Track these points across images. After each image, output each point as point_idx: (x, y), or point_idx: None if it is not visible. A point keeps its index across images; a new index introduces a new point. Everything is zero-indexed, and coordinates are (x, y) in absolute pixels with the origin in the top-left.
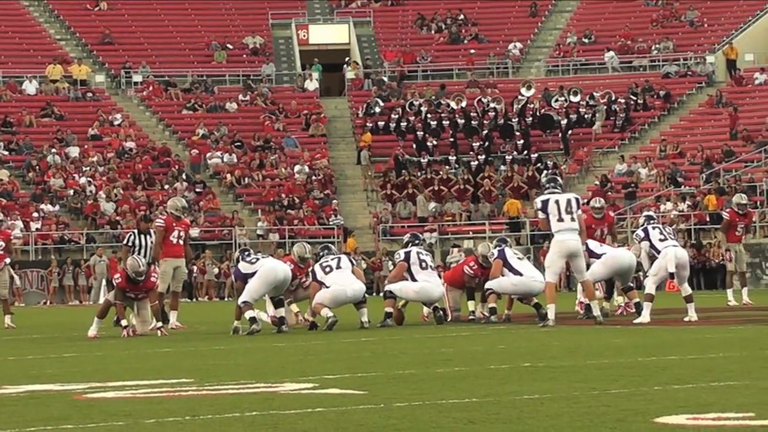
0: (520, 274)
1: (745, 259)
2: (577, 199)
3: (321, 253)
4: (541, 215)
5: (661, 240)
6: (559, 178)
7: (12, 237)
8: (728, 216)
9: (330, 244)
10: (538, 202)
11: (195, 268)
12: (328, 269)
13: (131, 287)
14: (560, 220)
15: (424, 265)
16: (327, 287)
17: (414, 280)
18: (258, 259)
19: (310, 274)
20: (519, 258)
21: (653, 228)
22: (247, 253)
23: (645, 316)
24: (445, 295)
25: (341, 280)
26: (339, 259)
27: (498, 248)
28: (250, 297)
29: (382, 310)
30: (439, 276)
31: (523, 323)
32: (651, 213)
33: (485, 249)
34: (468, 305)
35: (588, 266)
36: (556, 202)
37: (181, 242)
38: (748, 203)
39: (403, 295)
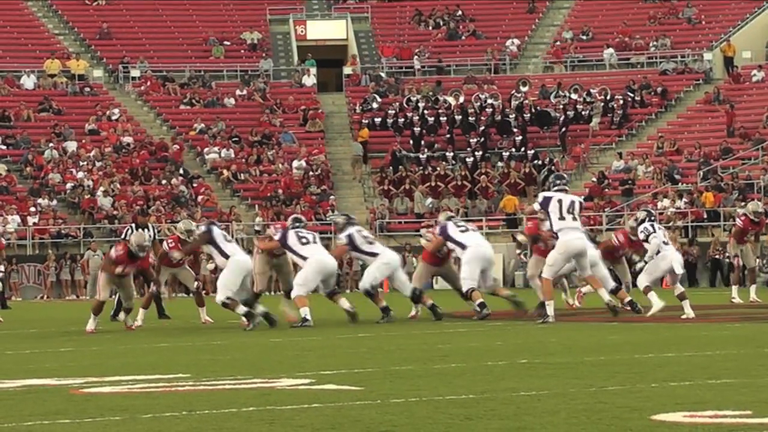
0: (465, 247)
1: (753, 257)
2: (580, 203)
3: (294, 225)
4: (537, 207)
5: (665, 242)
6: (565, 177)
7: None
8: (742, 224)
9: (300, 216)
10: (540, 197)
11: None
12: (305, 240)
13: (129, 261)
14: (561, 218)
15: (369, 239)
16: (304, 258)
17: (370, 254)
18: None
19: (281, 237)
20: (462, 230)
21: (659, 228)
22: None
23: (657, 304)
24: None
25: (320, 252)
26: (314, 235)
27: (441, 225)
28: (230, 292)
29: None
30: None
31: (520, 320)
32: (650, 209)
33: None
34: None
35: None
36: (559, 201)
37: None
38: (764, 211)
39: (376, 279)
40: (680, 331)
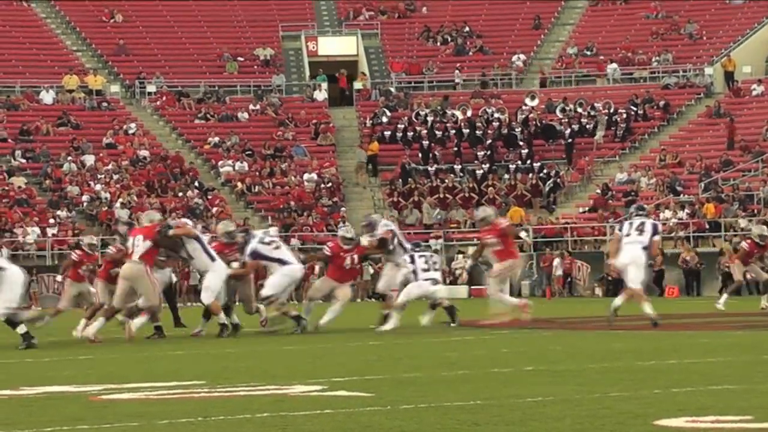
0: (284, 263)
1: (762, 272)
2: (653, 224)
3: (254, 235)
4: (616, 233)
5: None
6: (645, 208)
7: None
8: (747, 247)
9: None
10: (617, 227)
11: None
12: (275, 245)
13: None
14: (627, 235)
15: (276, 245)
16: (282, 262)
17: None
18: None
19: (251, 255)
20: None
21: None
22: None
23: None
24: None
25: (292, 257)
26: (277, 239)
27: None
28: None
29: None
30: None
31: (525, 328)
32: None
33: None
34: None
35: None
36: (630, 223)
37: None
38: None
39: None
40: (681, 339)
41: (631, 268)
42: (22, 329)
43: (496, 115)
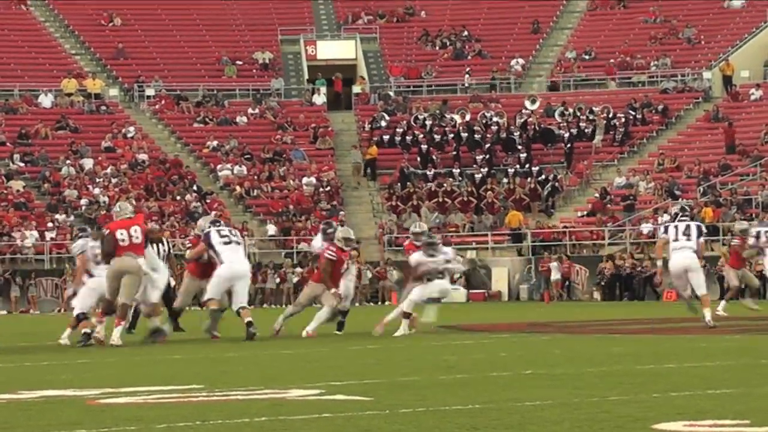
0: (221, 261)
1: (754, 277)
2: (698, 226)
3: (215, 223)
4: (661, 236)
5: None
6: (687, 209)
7: None
8: (739, 242)
9: (217, 218)
10: (661, 228)
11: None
12: (226, 239)
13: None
14: (675, 240)
15: (228, 240)
16: (221, 262)
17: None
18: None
19: (203, 237)
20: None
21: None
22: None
23: None
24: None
25: (232, 258)
26: (235, 232)
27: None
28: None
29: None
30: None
31: (523, 332)
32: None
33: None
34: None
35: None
36: (675, 227)
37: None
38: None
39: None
40: (680, 343)
41: (691, 275)
42: None
43: (494, 119)
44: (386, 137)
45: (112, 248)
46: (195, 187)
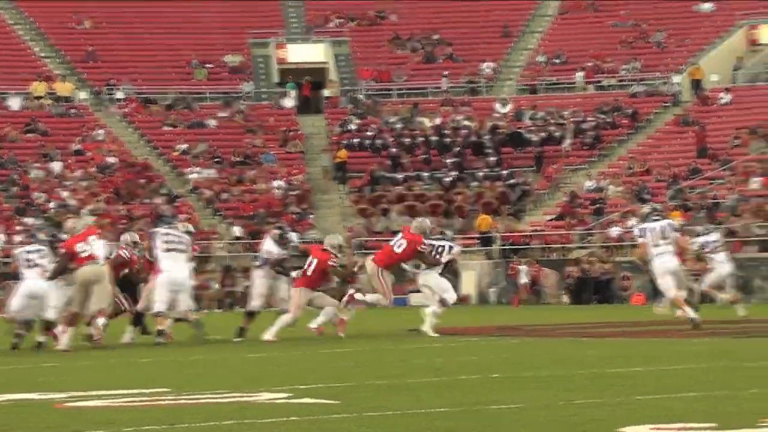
0: (160, 270)
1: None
2: (671, 224)
3: (162, 223)
4: (641, 240)
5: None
6: (659, 208)
7: None
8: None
9: (167, 215)
10: (636, 230)
11: None
12: (168, 246)
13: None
14: (656, 246)
15: (170, 247)
16: (161, 270)
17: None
18: None
19: (149, 235)
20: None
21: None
22: None
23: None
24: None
25: (171, 266)
26: (184, 239)
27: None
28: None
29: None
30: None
31: (492, 335)
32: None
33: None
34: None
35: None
36: (652, 230)
37: None
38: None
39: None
40: (649, 346)
41: (672, 278)
42: None
43: (464, 122)
44: (356, 141)
45: (63, 267)
46: (164, 191)
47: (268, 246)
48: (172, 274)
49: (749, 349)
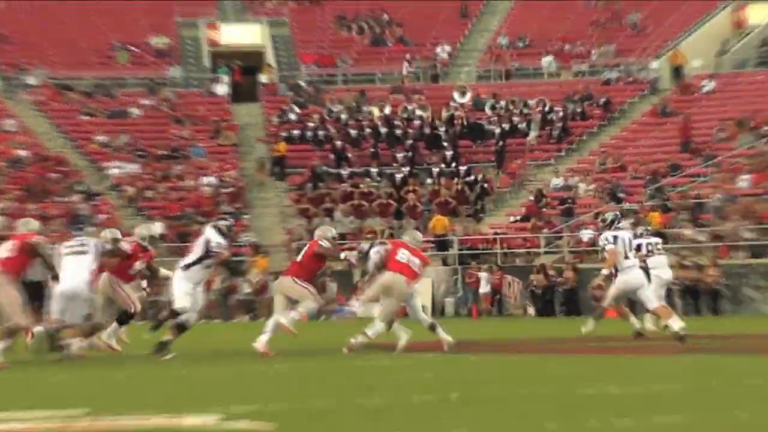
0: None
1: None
2: (634, 234)
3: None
4: (610, 247)
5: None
6: (620, 215)
7: None
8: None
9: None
10: (609, 237)
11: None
12: (69, 250)
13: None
14: (626, 257)
15: (68, 251)
16: (56, 276)
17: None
18: None
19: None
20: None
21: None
22: None
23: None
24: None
25: (67, 272)
26: (90, 245)
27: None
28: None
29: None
30: None
31: (449, 351)
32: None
33: None
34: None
35: None
36: (623, 240)
37: None
38: None
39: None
40: (622, 363)
41: (640, 293)
42: None
43: (417, 112)
44: (296, 132)
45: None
46: (81, 188)
47: (216, 238)
48: (64, 281)
49: (737, 367)
